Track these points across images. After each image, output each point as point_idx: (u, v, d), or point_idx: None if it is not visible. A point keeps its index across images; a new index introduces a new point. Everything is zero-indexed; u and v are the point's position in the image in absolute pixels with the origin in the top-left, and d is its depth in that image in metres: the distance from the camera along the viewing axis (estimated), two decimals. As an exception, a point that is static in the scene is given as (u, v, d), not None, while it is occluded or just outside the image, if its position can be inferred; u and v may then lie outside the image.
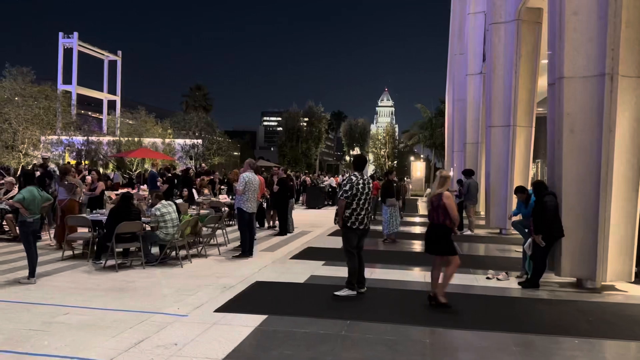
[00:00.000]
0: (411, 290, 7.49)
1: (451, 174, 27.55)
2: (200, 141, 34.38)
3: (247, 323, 5.60)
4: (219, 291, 7.05)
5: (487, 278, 8.38)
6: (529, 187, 9.69)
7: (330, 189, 24.68)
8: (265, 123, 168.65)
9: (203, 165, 26.03)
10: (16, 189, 12.85)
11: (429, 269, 9.02)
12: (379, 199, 14.40)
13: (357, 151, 62.69)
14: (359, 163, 7.38)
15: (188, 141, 33.78)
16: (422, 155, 59.08)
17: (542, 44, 12.78)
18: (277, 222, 14.56)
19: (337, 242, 12.21)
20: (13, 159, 20.76)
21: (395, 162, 62.68)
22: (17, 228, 9.38)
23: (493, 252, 11.51)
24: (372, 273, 8.56)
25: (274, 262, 9.45)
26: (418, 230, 15.38)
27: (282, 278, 8.04)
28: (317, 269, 8.87)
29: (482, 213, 17.87)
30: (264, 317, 5.83)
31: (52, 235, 10.97)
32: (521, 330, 5.62)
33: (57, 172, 12.34)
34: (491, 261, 10.09)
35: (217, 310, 6.07)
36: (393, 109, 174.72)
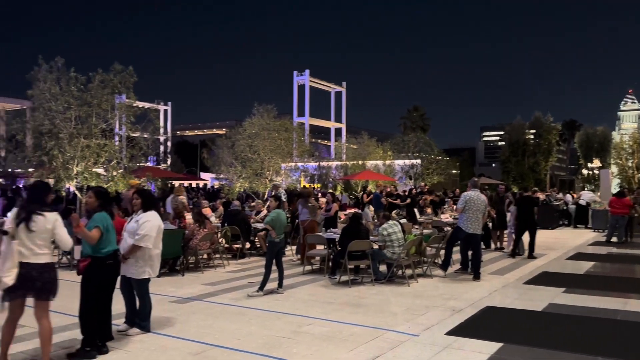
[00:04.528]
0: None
1: None
2: (419, 161, 34.75)
3: (481, 350, 5.36)
4: (448, 313, 6.93)
5: None
6: None
7: (565, 207, 22.06)
8: (485, 138, 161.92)
9: (423, 184, 26.14)
10: (265, 210, 14.82)
11: None
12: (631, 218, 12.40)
13: (596, 163, 55.38)
14: None
15: (407, 161, 34.46)
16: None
17: None
18: (504, 244, 13.79)
19: (578, 267, 10.92)
20: (261, 185, 24.02)
21: (648, 173, 53.33)
22: (266, 245, 10.78)
23: None
24: (627, 304, 7.39)
25: (505, 286, 8.90)
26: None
27: (516, 304, 7.51)
28: (557, 296, 8.03)
29: None
30: (499, 345, 5.51)
31: (294, 252, 12.30)
32: None
33: (285, 198, 13.78)
34: None
35: (448, 333, 5.97)
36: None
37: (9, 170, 22.78)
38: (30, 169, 18.75)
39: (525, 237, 12.48)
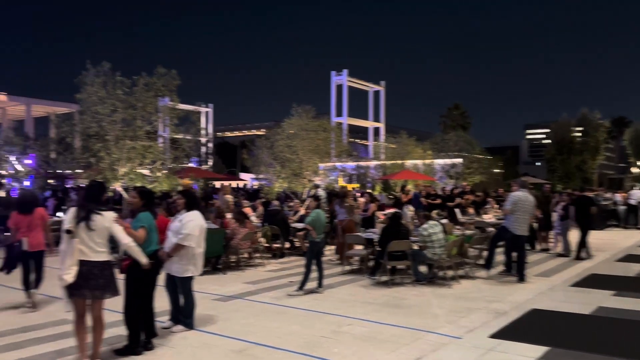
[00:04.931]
0: None
1: None
2: (459, 160, 34.12)
3: (526, 353, 5.22)
4: (492, 316, 6.78)
5: None
6: None
7: (614, 207, 21.18)
8: (529, 136, 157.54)
9: (464, 184, 25.65)
10: (302, 210, 14.88)
11: None
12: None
13: (647, 161, 52.94)
14: None
15: (448, 161, 33.89)
16: None
17: None
18: (549, 244, 13.40)
19: (629, 270, 10.47)
20: (299, 185, 24.14)
21: None
22: (305, 245, 10.82)
23: None
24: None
25: (551, 288, 8.63)
26: None
27: (563, 307, 7.27)
28: (606, 299, 7.74)
29: None
30: (545, 348, 5.35)
31: (334, 251, 12.30)
32: None
33: (323, 198, 13.77)
34: None
35: (492, 336, 5.84)
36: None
37: (59, 171, 23.72)
38: (78, 170, 19.48)
39: (573, 237, 12.10)
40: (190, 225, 5.99)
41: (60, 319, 6.38)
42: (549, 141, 52.35)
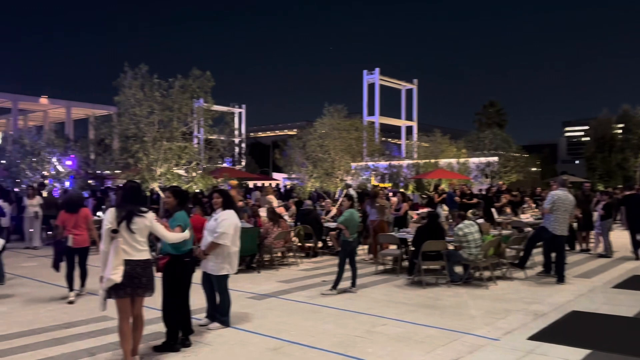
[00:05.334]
0: None
1: None
2: (495, 159, 33.44)
3: (566, 356, 5.09)
4: (530, 318, 6.63)
5: None
6: None
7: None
8: (568, 134, 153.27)
9: (500, 182, 25.16)
10: (334, 210, 14.89)
11: None
12: None
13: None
14: None
15: (483, 159, 33.27)
16: None
17: None
18: (590, 245, 13.00)
19: (676, 271, 10.06)
20: (332, 184, 24.13)
21: None
22: (338, 244, 10.81)
23: None
24: None
25: (591, 290, 8.38)
26: None
27: (604, 309, 7.05)
28: (651, 302, 7.46)
29: None
30: (586, 351, 5.20)
31: (366, 251, 12.27)
32: None
33: (355, 197, 13.70)
34: None
35: (531, 338, 5.71)
36: None
37: (98, 172, 24.37)
38: (117, 171, 19.98)
39: (615, 237, 11.71)
40: (225, 224, 6.07)
41: (101, 316, 6.56)
42: (588, 139, 50.80)
